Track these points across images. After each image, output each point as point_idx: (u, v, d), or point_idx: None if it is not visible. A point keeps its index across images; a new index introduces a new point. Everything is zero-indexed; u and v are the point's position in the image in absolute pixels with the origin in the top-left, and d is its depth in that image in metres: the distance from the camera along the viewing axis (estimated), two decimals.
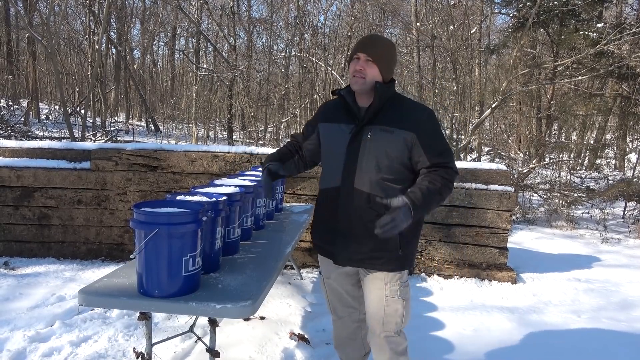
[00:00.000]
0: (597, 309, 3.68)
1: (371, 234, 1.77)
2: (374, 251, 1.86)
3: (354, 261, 1.91)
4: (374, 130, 1.83)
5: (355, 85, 1.84)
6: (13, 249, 4.29)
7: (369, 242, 1.84)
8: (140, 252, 1.66)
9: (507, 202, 4.20)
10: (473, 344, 2.96)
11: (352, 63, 1.86)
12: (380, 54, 1.84)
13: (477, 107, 9.72)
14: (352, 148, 1.85)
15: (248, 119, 12.93)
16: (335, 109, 1.98)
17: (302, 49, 12.65)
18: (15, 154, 4.31)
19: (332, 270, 2.05)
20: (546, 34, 8.74)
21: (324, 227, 1.98)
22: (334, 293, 2.12)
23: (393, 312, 1.89)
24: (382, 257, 1.87)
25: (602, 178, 8.60)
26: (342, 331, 2.17)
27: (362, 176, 1.84)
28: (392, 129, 1.81)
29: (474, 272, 4.24)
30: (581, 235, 6.31)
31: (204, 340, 2.22)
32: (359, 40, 1.91)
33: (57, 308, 3.16)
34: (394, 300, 1.89)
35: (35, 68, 15.66)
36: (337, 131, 1.91)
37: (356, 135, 1.85)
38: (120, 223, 4.35)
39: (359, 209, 1.85)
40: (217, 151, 4.35)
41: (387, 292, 1.89)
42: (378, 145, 1.82)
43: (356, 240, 1.87)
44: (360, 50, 1.83)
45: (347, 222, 1.88)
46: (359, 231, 1.86)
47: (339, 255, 1.93)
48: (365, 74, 1.82)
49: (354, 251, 1.88)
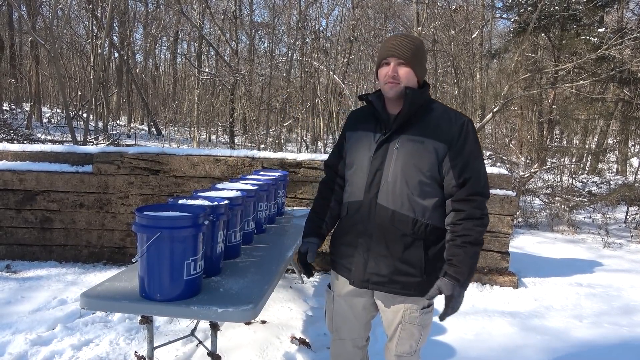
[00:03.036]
0: (599, 313, 3.67)
1: (392, 255, 1.67)
2: (395, 274, 1.69)
3: (372, 283, 1.73)
4: (402, 139, 1.66)
5: (391, 91, 1.65)
6: (15, 252, 4.30)
7: (389, 264, 1.68)
8: (142, 255, 1.67)
9: (508, 206, 4.20)
10: (474, 349, 2.96)
11: (382, 69, 1.68)
12: (413, 54, 1.66)
13: (479, 111, 9.73)
14: (377, 159, 1.69)
15: (250, 122, 12.95)
16: (363, 116, 1.83)
17: (304, 53, 12.69)
18: (17, 157, 4.33)
19: (345, 289, 1.85)
20: (547, 38, 8.75)
21: (342, 243, 1.81)
22: (341, 314, 1.90)
23: (408, 335, 1.77)
24: (404, 281, 1.70)
25: (603, 182, 8.61)
26: (341, 352, 1.96)
27: (387, 191, 1.67)
28: (423, 139, 1.64)
29: (476, 277, 4.23)
30: (583, 239, 6.30)
31: (206, 344, 2.22)
32: (387, 44, 1.70)
33: (59, 311, 3.17)
34: (411, 325, 1.76)
35: (38, 72, 15.74)
36: (363, 140, 1.76)
37: (382, 145, 1.69)
38: (122, 227, 4.36)
39: (381, 227, 1.68)
40: (219, 155, 4.36)
41: (405, 318, 1.75)
42: (406, 157, 1.64)
43: (375, 261, 1.70)
44: (390, 55, 1.65)
45: (368, 240, 1.71)
46: (380, 251, 1.69)
47: (356, 275, 1.75)
48: (400, 78, 1.64)
49: (372, 273, 1.71)
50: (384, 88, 1.68)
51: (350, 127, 1.86)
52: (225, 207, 2.02)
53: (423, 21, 11.22)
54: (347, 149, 1.84)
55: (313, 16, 15.23)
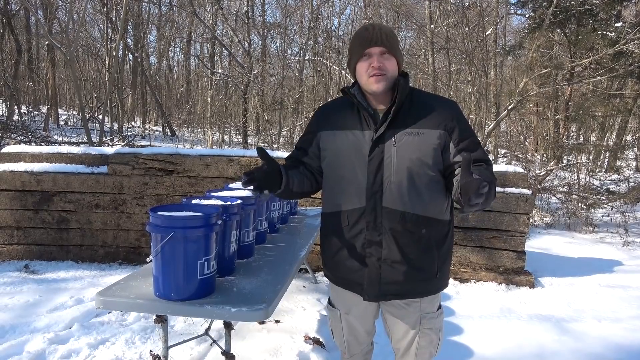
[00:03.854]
0: (620, 314, 3.59)
1: (407, 259, 1.57)
2: (411, 279, 1.60)
3: (389, 294, 1.62)
4: (398, 135, 1.54)
5: (378, 84, 1.52)
6: (33, 253, 4.37)
7: (405, 270, 1.58)
8: (156, 255, 1.67)
9: (524, 205, 4.14)
10: (490, 349, 2.92)
11: (363, 62, 1.55)
12: (394, 42, 1.55)
13: (493, 109, 9.62)
14: (375, 160, 1.55)
15: (262, 122, 13.00)
16: (341, 113, 1.66)
17: (316, 53, 12.69)
18: (35, 159, 4.39)
19: (354, 305, 1.75)
20: (563, 34, 8.62)
21: (346, 257, 1.66)
22: (351, 331, 1.82)
23: (427, 343, 1.70)
24: (420, 284, 1.62)
25: (622, 180, 8.44)
26: None
27: (392, 192, 1.54)
28: (421, 130, 1.53)
29: (491, 276, 4.18)
30: (601, 238, 6.19)
31: (220, 343, 2.23)
32: (362, 34, 1.57)
33: (76, 311, 3.20)
34: (430, 331, 1.69)
35: (55, 75, 15.98)
36: (350, 140, 1.60)
37: (377, 144, 1.55)
38: (137, 227, 4.40)
39: (391, 231, 1.56)
40: (232, 155, 4.37)
41: (422, 324, 1.67)
42: (407, 153, 1.53)
43: (390, 269, 1.59)
44: (371, 45, 1.53)
45: (378, 249, 1.58)
46: (393, 258, 1.58)
47: (370, 290, 1.62)
48: (386, 69, 1.52)
49: (388, 282, 1.60)
50: (369, 82, 1.54)
51: (325, 127, 1.68)
52: (238, 207, 2.03)
53: (436, 19, 11.14)
54: (327, 153, 1.67)
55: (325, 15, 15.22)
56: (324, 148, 1.68)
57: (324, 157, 1.68)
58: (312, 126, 1.74)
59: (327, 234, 1.74)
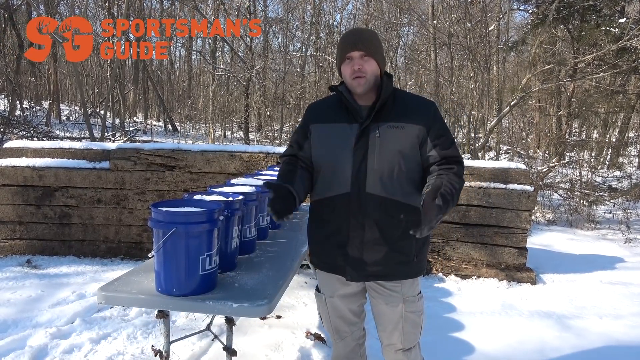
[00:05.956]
0: (622, 311, 3.59)
1: (387, 242, 1.70)
2: (392, 260, 1.74)
3: (370, 275, 1.76)
4: (382, 128, 1.69)
5: (359, 87, 1.69)
6: (35, 247, 4.38)
7: (385, 252, 1.72)
8: (158, 250, 1.68)
9: (526, 201, 4.13)
10: (492, 345, 2.92)
11: (345, 65, 1.72)
12: (373, 46, 1.71)
13: (496, 105, 9.59)
14: (360, 149, 1.69)
15: (264, 118, 12.99)
16: (329, 108, 1.81)
17: (318, 48, 12.65)
18: (37, 154, 4.40)
19: (338, 289, 1.87)
20: (566, 30, 8.58)
21: (331, 241, 1.78)
22: (337, 313, 1.93)
23: (413, 326, 1.82)
24: (400, 266, 1.75)
25: (624, 177, 8.42)
26: (342, 351, 1.99)
27: (374, 179, 1.69)
28: (402, 124, 1.69)
29: (493, 273, 4.18)
30: (603, 235, 6.18)
31: (221, 338, 2.23)
32: (344, 40, 1.74)
33: (78, 306, 3.22)
34: (412, 314, 1.80)
35: (57, 70, 15.97)
36: (338, 132, 1.75)
37: (362, 135, 1.70)
38: (138, 222, 4.40)
39: (373, 215, 1.70)
40: (233, 151, 4.37)
41: (405, 307, 1.79)
42: (389, 144, 1.68)
43: (371, 251, 1.73)
44: (352, 50, 1.69)
45: (360, 232, 1.72)
46: (374, 240, 1.72)
47: (352, 270, 1.76)
48: (365, 71, 1.68)
49: (369, 263, 1.74)
50: (352, 84, 1.71)
51: (315, 120, 1.83)
52: (240, 202, 2.02)
53: (438, 14, 11.10)
54: (317, 143, 1.80)
55: (327, 11, 15.19)
56: (314, 139, 1.82)
57: (314, 146, 1.82)
58: (304, 121, 1.89)
59: (314, 220, 1.88)
